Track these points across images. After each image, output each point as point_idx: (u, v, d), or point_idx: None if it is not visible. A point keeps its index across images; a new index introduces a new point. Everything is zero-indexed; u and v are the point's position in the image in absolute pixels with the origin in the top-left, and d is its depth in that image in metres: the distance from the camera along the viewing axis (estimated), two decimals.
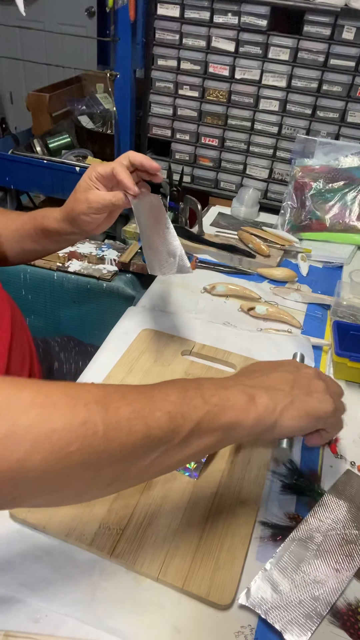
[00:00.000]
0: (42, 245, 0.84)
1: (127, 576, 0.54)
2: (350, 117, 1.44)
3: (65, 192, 2.07)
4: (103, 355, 0.84)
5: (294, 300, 1.04)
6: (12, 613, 0.50)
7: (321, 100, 1.45)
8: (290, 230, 1.31)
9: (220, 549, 0.56)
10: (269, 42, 1.42)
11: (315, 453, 0.71)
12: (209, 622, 0.51)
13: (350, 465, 0.70)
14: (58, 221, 0.78)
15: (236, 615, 0.52)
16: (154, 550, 0.55)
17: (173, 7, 1.48)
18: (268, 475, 0.66)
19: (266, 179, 1.62)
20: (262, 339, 0.91)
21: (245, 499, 0.62)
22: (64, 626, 0.49)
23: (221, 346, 0.87)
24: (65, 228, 0.78)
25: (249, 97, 1.52)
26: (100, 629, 0.49)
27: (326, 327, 0.98)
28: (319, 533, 0.59)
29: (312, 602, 0.52)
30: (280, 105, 1.50)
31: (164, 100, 1.65)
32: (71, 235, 0.80)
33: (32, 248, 0.85)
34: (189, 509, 0.60)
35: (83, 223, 0.76)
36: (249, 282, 1.09)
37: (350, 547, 0.58)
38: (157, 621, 0.51)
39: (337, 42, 1.36)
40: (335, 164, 1.34)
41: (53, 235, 0.81)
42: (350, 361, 0.81)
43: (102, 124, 2.29)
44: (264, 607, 0.52)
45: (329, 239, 1.29)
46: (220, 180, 1.70)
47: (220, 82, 1.54)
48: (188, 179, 1.74)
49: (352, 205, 1.31)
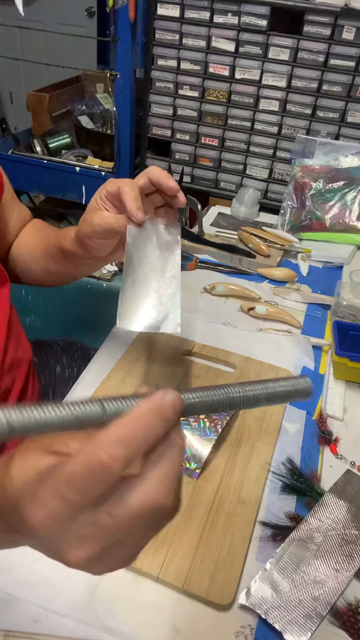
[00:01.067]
0: (64, 267, 0.76)
1: (127, 576, 0.54)
2: (350, 117, 1.44)
3: (65, 192, 2.07)
4: (103, 355, 0.84)
5: (294, 300, 1.04)
6: (12, 613, 0.50)
7: (321, 100, 1.45)
8: (290, 230, 1.31)
9: (220, 549, 0.56)
10: (269, 42, 1.42)
11: (315, 453, 0.71)
12: (209, 622, 0.51)
13: (350, 465, 0.70)
14: (72, 241, 0.69)
15: (236, 615, 0.52)
16: (154, 550, 0.55)
17: (173, 7, 1.47)
18: (268, 475, 0.66)
19: (266, 179, 1.62)
20: (262, 339, 0.91)
21: (245, 499, 0.62)
22: (64, 626, 0.49)
23: (221, 346, 0.87)
24: (77, 250, 0.69)
25: (249, 97, 1.52)
26: (100, 629, 0.49)
27: (326, 327, 0.98)
28: (319, 533, 0.59)
29: (312, 602, 0.52)
30: (280, 105, 1.50)
31: (164, 100, 1.65)
32: (86, 259, 0.70)
33: (55, 270, 0.78)
34: (189, 509, 0.60)
35: (89, 247, 0.66)
36: (249, 282, 1.09)
37: (350, 547, 0.58)
38: (157, 621, 0.51)
39: (337, 42, 1.36)
40: (335, 164, 1.34)
41: (70, 257, 0.72)
42: (350, 361, 0.81)
43: (102, 124, 2.29)
44: (264, 607, 0.52)
45: (329, 239, 1.29)
46: (220, 180, 1.70)
47: (220, 82, 1.54)
48: (188, 179, 1.75)
49: (352, 205, 1.31)
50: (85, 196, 2.20)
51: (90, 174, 2.14)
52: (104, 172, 2.12)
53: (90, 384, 0.77)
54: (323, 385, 0.83)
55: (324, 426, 0.74)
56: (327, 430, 0.74)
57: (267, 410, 0.75)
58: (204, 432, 0.68)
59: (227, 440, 0.70)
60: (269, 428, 0.72)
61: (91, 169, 2.14)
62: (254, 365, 0.83)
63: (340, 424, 0.76)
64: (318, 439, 0.73)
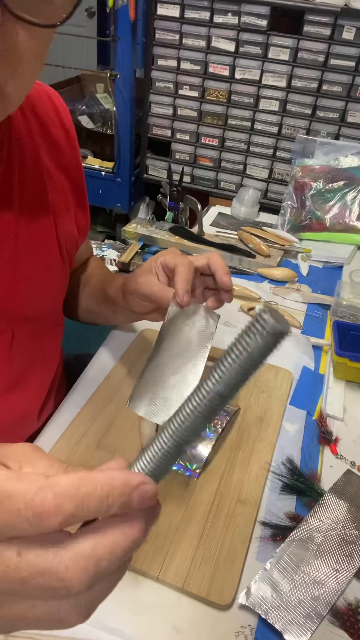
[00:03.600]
0: (101, 309, 0.79)
1: (127, 576, 0.54)
2: (350, 117, 1.45)
3: None
4: (103, 355, 0.84)
5: (294, 300, 1.04)
6: None
7: (321, 100, 1.45)
8: (290, 230, 1.31)
9: (220, 549, 0.56)
10: (269, 42, 1.42)
11: (315, 453, 0.71)
12: (209, 622, 0.51)
13: (350, 465, 0.70)
14: (117, 288, 0.72)
15: (236, 615, 0.52)
16: (154, 550, 0.55)
17: (173, 7, 1.48)
18: (268, 475, 0.66)
19: (266, 179, 1.62)
20: None
21: (245, 499, 0.62)
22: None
23: (221, 346, 0.87)
24: (118, 298, 0.72)
25: (249, 97, 1.52)
26: (100, 629, 0.49)
27: (326, 327, 0.98)
28: (319, 533, 0.59)
29: (312, 602, 0.52)
30: (280, 105, 1.50)
31: (164, 100, 1.65)
32: (124, 310, 0.73)
33: (93, 309, 0.81)
34: (189, 509, 0.60)
35: (130, 301, 0.69)
36: (249, 282, 1.09)
37: (350, 547, 0.58)
38: (157, 621, 0.51)
39: (337, 42, 1.36)
40: (335, 164, 1.34)
41: (109, 301, 0.75)
42: (350, 361, 0.81)
43: (102, 124, 2.29)
44: (264, 607, 0.52)
45: (329, 239, 1.29)
46: (220, 180, 1.70)
47: (220, 82, 1.54)
48: (188, 179, 1.75)
49: (352, 205, 1.31)
50: None
51: (90, 174, 2.14)
52: (103, 172, 2.12)
53: (91, 384, 0.77)
54: (323, 385, 0.83)
55: (324, 426, 0.74)
56: (327, 430, 0.74)
57: (267, 410, 0.75)
58: (204, 432, 0.68)
59: (227, 440, 0.70)
60: (269, 428, 0.72)
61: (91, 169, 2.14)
62: None
63: (340, 424, 0.76)
64: (318, 439, 0.73)
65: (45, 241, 0.62)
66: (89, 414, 0.71)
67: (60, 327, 0.73)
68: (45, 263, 0.63)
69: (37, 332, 0.65)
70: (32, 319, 0.63)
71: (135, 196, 2.21)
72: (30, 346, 0.65)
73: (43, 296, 0.64)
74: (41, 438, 0.68)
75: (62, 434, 0.68)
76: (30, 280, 0.61)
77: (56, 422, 0.71)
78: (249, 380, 0.25)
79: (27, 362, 0.66)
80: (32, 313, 0.63)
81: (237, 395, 0.24)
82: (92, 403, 0.73)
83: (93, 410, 0.72)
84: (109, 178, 2.11)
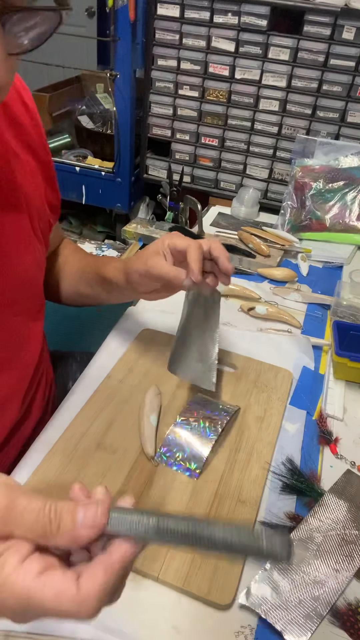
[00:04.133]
0: (95, 291, 0.81)
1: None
2: (350, 117, 1.45)
3: (65, 192, 2.07)
4: (103, 355, 0.84)
5: (294, 300, 1.04)
6: None
7: (321, 100, 1.45)
8: (290, 230, 1.31)
9: None
10: (269, 42, 1.42)
11: (315, 453, 0.71)
12: (209, 622, 0.51)
13: (350, 465, 0.70)
14: (116, 270, 0.75)
15: (236, 615, 0.52)
16: (154, 550, 0.55)
17: (173, 7, 1.48)
18: (268, 475, 0.66)
19: (266, 179, 1.62)
20: (262, 339, 0.91)
21: (245, 499, 0.62)
22: (64, 626, 0.49)
23: (221, 346, 0.87)
24: (119, 280, 0.74)
25: (249, 97, 1.52)
26: (100, 629, 0.49)
27: (326, 327, 0.98)
28: (319, 533, 0.59)
29: (312, 602, 0.52)
30: (280, 105, 1.50)
31: (164, 100, 1.65)
32: (123, 290, 0.76)
33: (85, 292, 0.82)
34: (189, 509, 0.60)
35: (135, 282, 0.72)
36: (249, 282, 1.09)
37: (350, 547, 0.58)
38: (157, 621, 0.51)
39: (337, 42, 1.36)
40: (335, 164, 1.34)
41: (107, 283, 0.77)
42: (350, 361, 0.81)
43: (102, 124, 2.29)
44: (264, 607, 0.52)
45: (329, 239, 1.29)
46: (220, 180, 1.70)
47: (220, 82, 1.54)
48: (188, 179, 1.75)
49: (352, 205, 1.31)
50: (85, 196, 2.20)
51: (90, 173, 2.14)
52: (103, 172, 2.12)
53: (91, 384, 0.77)
54: (323, 385, 0.83)
55: (324, 426, 0.74)
56: (327, 430, 0.74)
57: (267, 410, 0.75)
58: (204, 432, 0.68)
59: (227, 440, 0.70)
60: (269, 428, 0.72)
61: (91, 169, 2.14)
62: (254, 365, 0.83)
63: (340, 424, 0.76)
64: (318, 439, 0.73)
65: (17, 222, 0.62)
66: (89, 414, 0.71)
67: (41, 310, 0.74)
68: (20, 244, 0.63)
69: (16, 315, 0.65)
70: (10, 301, 0.64)
71: (135, 196, 2.21)
72: (10, 328, 0.65)
73: (20, 277, 0.64)
74: (41, 438, 0.68)
75: (62, 434, 0.68)
76: (4, 261, 0.61)
77: (56, 422, 0.71)
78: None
79: (6, 345, 0.65)
80: (8, 294, 0.63)
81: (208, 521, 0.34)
82: (92, 403, 0.73)
83: (93, 410, 0.72)
84: (109, 178, 2.11)
